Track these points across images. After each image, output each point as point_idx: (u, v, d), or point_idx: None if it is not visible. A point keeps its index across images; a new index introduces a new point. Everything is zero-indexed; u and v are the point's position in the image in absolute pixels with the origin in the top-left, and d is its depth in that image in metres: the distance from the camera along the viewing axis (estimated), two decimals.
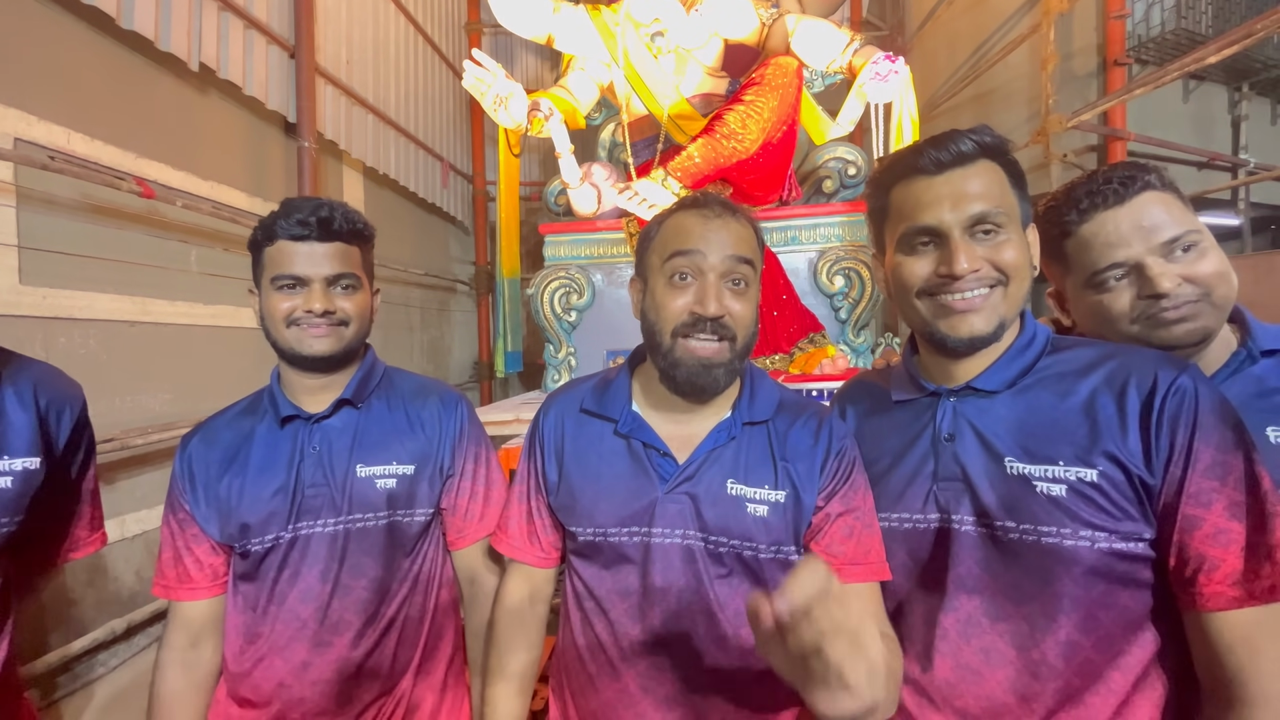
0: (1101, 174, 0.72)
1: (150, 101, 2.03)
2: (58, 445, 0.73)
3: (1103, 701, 0.59)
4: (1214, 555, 0.55)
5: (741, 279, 0.70)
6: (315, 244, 0.79)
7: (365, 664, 0.81)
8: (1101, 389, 0.61)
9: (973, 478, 0.64)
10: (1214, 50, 1.84)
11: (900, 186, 0.68)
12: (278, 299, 0.79)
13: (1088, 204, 0.71)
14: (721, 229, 0.70)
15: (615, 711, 0.71)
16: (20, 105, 1.61)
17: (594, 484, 0.74)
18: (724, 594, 0.70)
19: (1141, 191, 0.69)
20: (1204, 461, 0.56)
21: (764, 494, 0.70)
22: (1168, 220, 0.68)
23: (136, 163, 1.92)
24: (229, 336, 2.35)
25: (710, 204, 0.72)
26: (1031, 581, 0.61)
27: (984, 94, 3.48)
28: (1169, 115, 3.07)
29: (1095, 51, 2.89)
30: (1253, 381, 0.68)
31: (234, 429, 0.85)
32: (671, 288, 0.70)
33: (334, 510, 0.81)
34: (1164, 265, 0.68)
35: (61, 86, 1.73)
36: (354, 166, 3.33)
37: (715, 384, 0.70)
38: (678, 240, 0.70)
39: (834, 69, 2.34)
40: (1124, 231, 0.69)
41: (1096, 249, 0.71)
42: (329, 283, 0.80)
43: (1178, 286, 0.67)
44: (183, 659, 0.82)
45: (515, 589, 0.81)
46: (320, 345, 0.80)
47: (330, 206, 0.80)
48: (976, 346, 0.65)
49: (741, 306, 0.70)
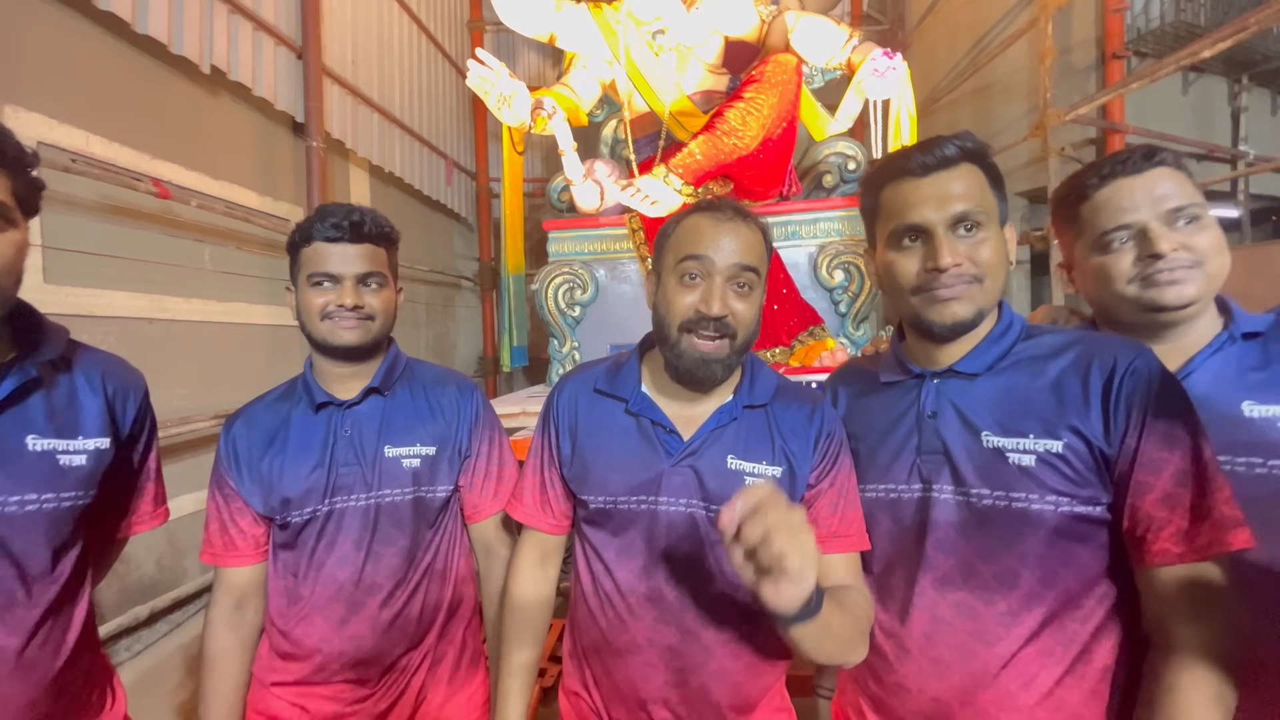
0: (1124, 150, 0.80)
1: (164, 104, 2.08)
2: (124, 427, 0.79)
3: (1064, 650, 0.66)
4: (1162, 517, 0.62)
5: (746, 283, 0.76)
6: (347, 245, 0.87)
7: (395, 622, 0.89)
8: (1069, 370, 0.68)
9: (952, 450, 0.71)
10: (1209, 44, 1.87)
11: (890, 187, 0.74)
12: (313, 294, 0.87)
13: (1109, 170, 0.78)
14: (731, 234, 0.75)
15: (624, 661, 0.78)
16: (42, 109, 1.66)
17: (605, 457, 0.81)
18: (723, 555, 0.75)
19: (1157, 165, 0.76)
20: (1155, 434, 0.63)
21: (761, 469, 0.77)
22: (1176, 192, 0.75)
23: (152, 164, 1.97)
24: (242, 332, 2.41)
25: (724, 208, 0.77)
26: (1000, 542, 0.67)
27: (984, 87, 3.50)
28: (1169, 107, 3.09)
29: (1094, 44, 2.91)
30: (1233, 360, 0.74)
31: (272, 413, 0.93)
32: (681, 286, 0.76)
33: (365, 487, 0.90)
34: (1166, 230, 0.74)
35: (80, 91, 1.78)
36: (360, 165, 3.37)
37: (713, 377, 0.77)
38: (690, 244, 0.76)
39: (833, 65, 2.37)
40: (1136, 197, 0.76)
41: (1110, 211, 0.77)
42: (359, 280, 0.88)
43: (1174, 250, 0.73)
44: (229, 619, 0.91)
45: (528, 553, 0.89)
46: (350, 336, 0.88)
47: (361, 212, 0.88)
48: (959, 332, 0.72)
49: (745, 307, 0.76)
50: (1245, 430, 0.70)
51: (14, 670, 0.64)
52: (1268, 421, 0.70)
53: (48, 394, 0.71)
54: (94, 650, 0.76)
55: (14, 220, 0.64)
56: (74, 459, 0.71)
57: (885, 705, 0.75)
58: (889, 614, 0.75)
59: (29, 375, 0.68)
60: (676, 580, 0.77)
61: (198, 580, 2.12)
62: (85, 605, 0.75)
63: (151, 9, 1.91)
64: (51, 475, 0.69)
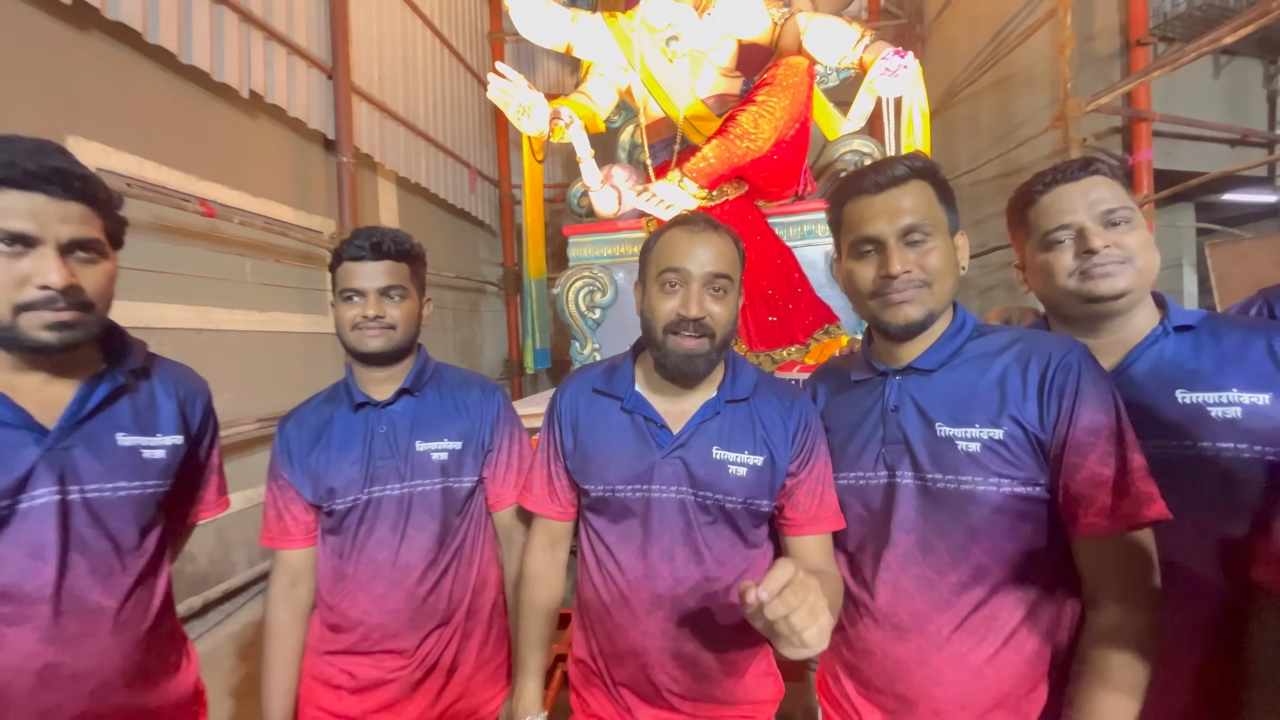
0: (1066, 161, 0.90)
1: (208, 128, 2.22)
2: (193, 426, 0.90)
3: (1009, 615, 0.73)
4: (1089, 494, 0.69)
5: (720, 287, 0.84)
6: (369, 263, 0.97)
7: (428, 598, 1.00)
8: (1011, 365, 0.75)
9: (911, 440, 0.78)
10: (1229, 30, 1.82)
11: (850, 204, 0.82)
12: (344, 308, 0.99)
13: (1051, 178, 0.88)
14: (705, 245, 0.83)
15: (625, 631, 0.88)
16: (100, 138, 1.79)
17: (604, 450, 0.90)
18: (710, 536, 0.85)
19: (1094, 174, 0.86)
20: (1083, 421, 0.70)
21: (743, 458, 0.85)
22: (1109, 197, 0.84)
23: (198, 185, 2.11)
24: (281, 341, 2.54)
25: (697, 222, 0.86)
26: (952, 521, 0.75)
27: (1005, 78, 3.44)
28: (1199, 92, 3.00)
29: (1118, 32, 2.84)
30: (1168, 352, 0.83)
31: (318, 414, 1.04)
32: (663, 294, 0.84)
33: (399, 478, 1.00)
34: (1100, 230, 0.83)
35: (133, 119, 1.92)
36: (388, 177, 3.50)
37: (696, 372, 0.85)
38: (669, 256, 0.84)
39: (846, 65, 2.38)
40: (1075, 201, 0.85)
41: (1052, 213, 0.87)
42: (381, 293, 0.98)
43: (1107, 247, 0.82)
44: (286, 596, 1.03)
45: (539, 538, 0.99)
46: (374, 343, 0.98)
47: (382, 233, 0.98)
48: (912, 332, 0.79)
49: (720, 309, 0.84)
50: (1178, 415, 0.77)
51: (113, 627, 0.75)
52: (1197, 407, 0.77)
53: (132, 398, 0.82)
54: (172, 617, 0.88)
55: (105, 253, 0.74)
56: (154, 453, 0.82)
57: (856, 669, 0.83)
58: (859, 588, 0.83)
59: (117, 382, 0.79)
60: (669, 558, 0.86)
61: (245, 574, 2.25)
62: (165, 578, 0.86)
63: (195, 40, 2.04)
64: (137, 466, 0.80)
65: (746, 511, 0.86)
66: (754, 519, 0.87)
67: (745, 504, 0.85)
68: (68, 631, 0.71)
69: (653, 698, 0.88)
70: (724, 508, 0.85)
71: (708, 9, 2.50)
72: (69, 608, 0.71)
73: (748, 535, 0.88)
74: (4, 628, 0.68)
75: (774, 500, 0.87)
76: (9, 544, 0.69)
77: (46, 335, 0.69)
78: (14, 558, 0.69)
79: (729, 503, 0.85)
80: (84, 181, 0.71)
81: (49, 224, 0.68)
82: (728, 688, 0.88)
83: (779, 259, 2.34)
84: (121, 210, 0.78)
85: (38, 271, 0.67)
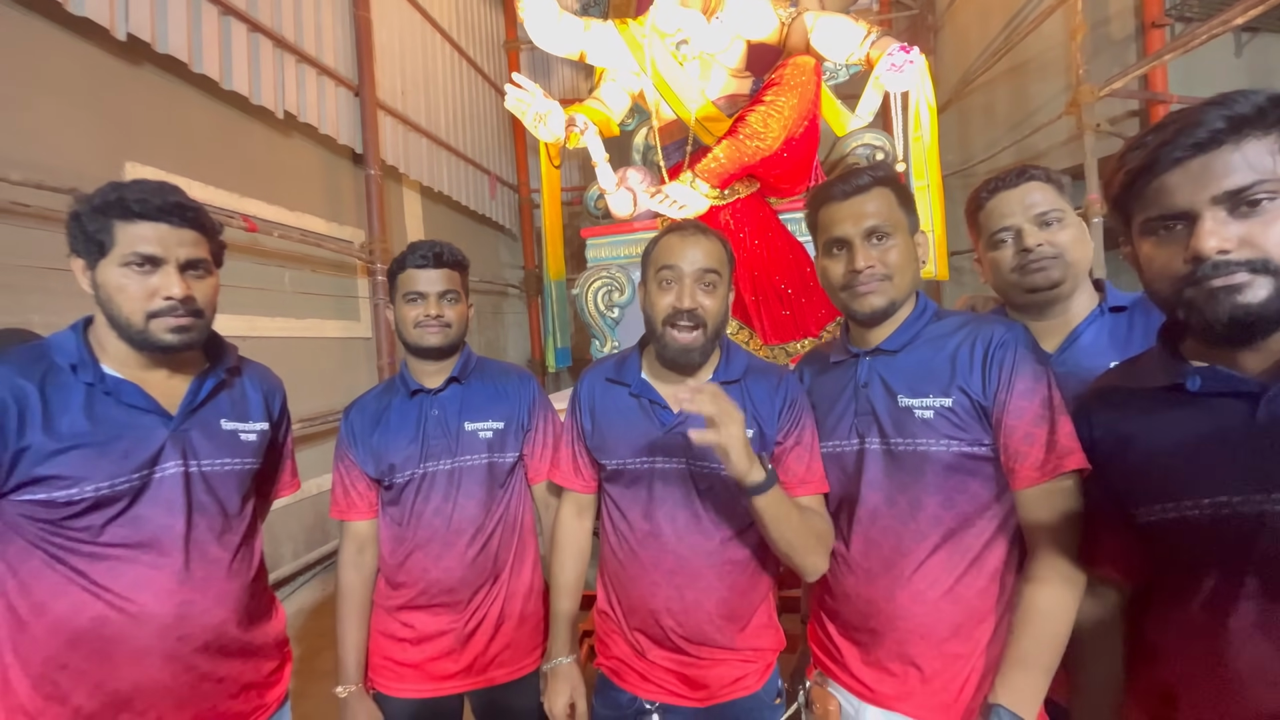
0: (1006, 169, 1.02)
1: (247, 148, 2.37)
2: (274, 415, 1.04)
3: (960, 557, 0.85)
4: (1024, 450, 0.80)
5: (710, 282, 0.95)
6: (431, 270, 1.12)
7: (477, 559, 1.14)
8: (962, 344, 0.86)
9: (878, 411, 0.89)
10: (1241, 11, 1.81)
11: (823, 209, 0.93)
12: (408, 308, 1.13)
13: (994, 186, 1.00)
14: (694, 246, 0.95)
15: (636, 582, 1.01)
16: (154, 163, 1.95)
17: (616, 429, 1.03)
18: (707, 501, 0.98)
19: (1029, 180, 0.98)
20: (1019, 388, 0.81)
21: None
22: (1042, 200, 0.96)
23: (240, 201, 2.26)
24: (318, 346, 2.69)
25: (688, 228, 0.98)
26: (911, 477, 0.86)
27: (1019, 65, 3.43)
28: (1221, 72, 2.94)
29: (1132, 14, 2.82)
30: (1105, 330, 0.95)
31: (378, 401, 1.18)
32: (660, 290, 0.96)
33: (449, 454, 1.14)
34: (1034, 229, 0.96)
35: (182, 144, 2.08)
36: (412, 187, 3.65)
37: (692, 361, 0.97)
38: (664, 257, 0.96)
39: (853, 61, 2.42)
40: (1013, 205, 0.98)
41: (995, 216, 0.99)
42: (439, 296, 1.12)
43: (1039, 245, 0.95)
44: (354, 561, 1.17)
45: (567, 507, 1.13)
46: (434, 339, 1.13)
47: (441, 245, 1.14)
48: (877, 319, 0.90)
49: (712, 302, 0.95)
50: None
51: (227, 574, 0.91)
52: None
53: (229, 391, 0.97)
54: (265, 574, 1.03)
55: (211, 270, 0.90)
56: (248, 435, 0.97)
57: (836, 612, 0.96)
58: (839, 541, 0.95)
59: (219, 378, 0.94)
60: (671, 520, 0.98)
61: (291, 564, 2.40)
62: (260, 540, 1.01)
63: (235, 67, 2.19)
64: (236, 446, 0.95)
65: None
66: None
67: None
68: (196, 576, 0.87)
69: (661, 640, 1.00)
70: (719, 475, 0.96)
71: (716, 12, 2.56)
72: (195, 557, 0.87)
73: (740, 498, 0.96)
74: (150, 571, 0.84)
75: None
76: (150, 504, 0.84)
77: (170, 337, 0.84)
78: (155, 515, 0.85)
79: (723, 471, 0.94)
80: (195, 213, 0.86)
81: (171, 247, 0.83)
82: (729, 633, 0.98)
83: (791, 254, 2.39)
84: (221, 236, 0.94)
85: (163, 286, 0.82)
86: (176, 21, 1.98)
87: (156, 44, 1.92)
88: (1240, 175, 0.55)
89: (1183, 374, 0.63)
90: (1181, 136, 0.57)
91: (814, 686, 0.99)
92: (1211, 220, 0.56)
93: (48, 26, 1.72)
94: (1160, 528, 0.65)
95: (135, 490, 0.83)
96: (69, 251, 0.83)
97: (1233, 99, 0.56)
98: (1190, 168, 0.57)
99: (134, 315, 0.81)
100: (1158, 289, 0.63)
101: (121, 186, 0.82)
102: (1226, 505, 0.59)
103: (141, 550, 0.83)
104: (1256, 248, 0.55)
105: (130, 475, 0.82)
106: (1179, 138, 0.57)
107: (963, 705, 0.84)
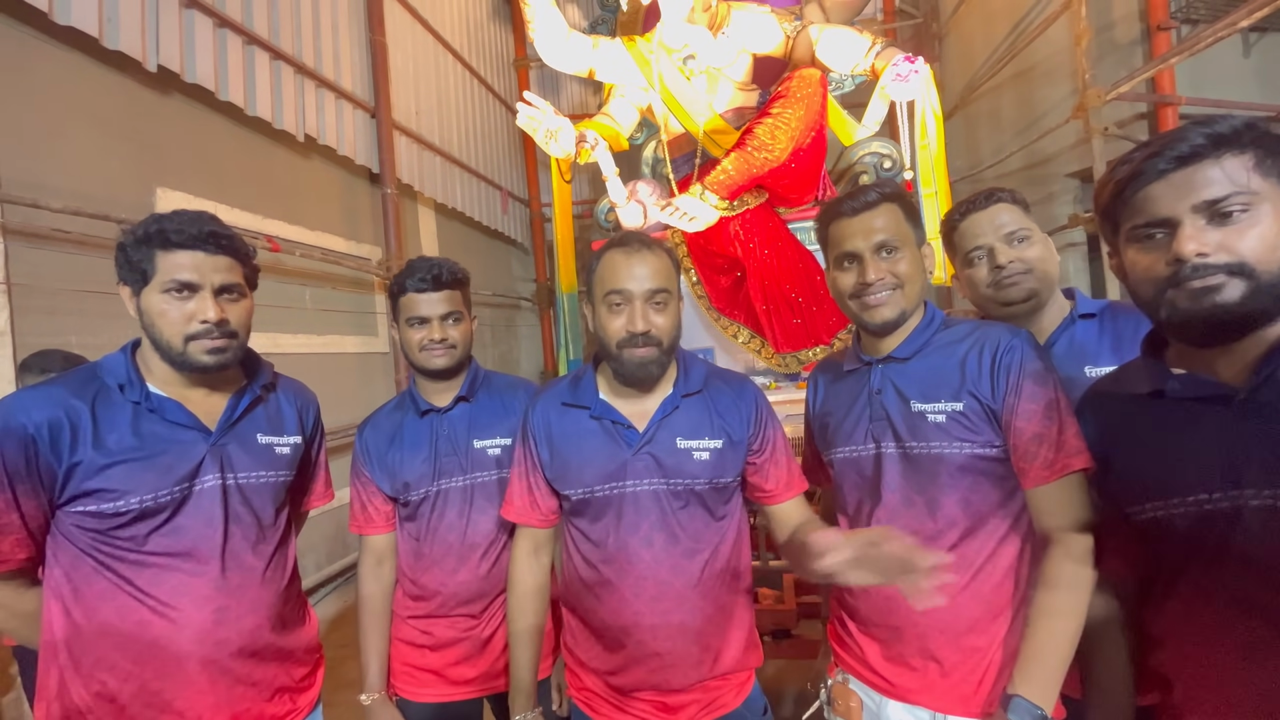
0: (975, 193, 1.07)
1: (270, 171, 2.45)
2: (307, 428, 1.08)
3: (976, 553, 0.87)
4: (1034, 451, 0.83)
5: (660, 300, 0.95)
6: (432, 293, 1.13)
7: (491, 572, 1.15)
8: (971, 350, 0.89)
9: (892, 417, 0.92)
10: (1246, 14, 1.82)
11: (833, 224, 0.96)
12: (412, 333, 1.14)
13: (965, 209, 1.07)
14: (641, 264, 0.94)
15: (618, 614, 0.97)
16: (183, 188, 2.02)
17: (578, 456, 1.00)
18: (683, 518, 0.97)
19: (997, 203, 1.04)
20: (1026, 392, 0.84)
21: (704, 444, 0.97)
22: (1010, 221, 1.03)
23: (264, 223, 2.34)
24: (337, 360, 2.75)
25: (631, 244, 0.96)
26: (926, 479, 0.89)
27: (1024, 71, 3.44)
28: (1229, 72, 2.94)
29: (1137, 18, 2.83)
30: (1077, 336, 1.02)
31: (391, 419, 1.20)
32: (610, 314, 0.95)
33: (461, 471, 1.16)
34: (1005, 248, 1.02)
35: (209, 168, 2.16)
36: (427, 204, 3.73)
37: (651, 376, 0.97)
38: (610, 280, 0.95)
39: (858, 72, 2.45)
40: (983, 226, 1.04)
41: (968, 237, 1.06)
42: (442, 319, 1.13)
43: (1010, 262, 1.01)
44: (373, 573, 1.19)
45: (522, 547, 1.06)
46: (440, 362, 1.14)
47: (440, 265, 1.13)
48: (888, 330, 0.93)
49: (664, 319, 0.95)
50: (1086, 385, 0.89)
51: (261, 582, 0.94)
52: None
53: (265, 406, 1.00)
54: (298, 582, 1.06)
55: (245, 293, 0.93)
56: (283, 449, 1.00)
57: (855, 610, 0.97)
58: None
59: (255, 394, 0.98)
60: (648, 544, 0.96)
61: (315, 576, 2.44)
62: (293, 550, 1.04)
63: (258, 93, 2.28)
64: (272, 459, 0.98)
65: (712, 489, 0.98)
66: (720, 495, 0.99)
67: (710, 483, 0.97)
68: (232, 583, 0.90)
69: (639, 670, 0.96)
70: (694, 490, 0.97)
71: (722, 27, 2.61)
72: (231, 565, 0.91)
73: (715, 510, 0.99)
74: (190, 579, 0.88)
75: (737, 474, 1.00)
76: (190, 516, 0.88)
77: (206, 359, 0.88)
78: (194, 526, 0.88)
79: (697, 485, 0.97)
80: (230, 240, 0.91)
81: (207, 274, 0.87)
82: (714, 652, 0.97)
83: (800, 263, 2.41)
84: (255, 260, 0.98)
85: (200, 310, 0.86)
86: (204, 52, 2.06)
87: (185, 74, 2.01)
88: (1218, 187, 0.61)
89: (1164, 380, 0.69)
90: (1167, 150, 0.63)
91: (835, 685, 1.00)
92: (1191, 226, 0.62)
93: (84, 60, 1.81)
94: (1152, 525, 0.69)
95: (177, 502, 0.87)
96: (118, 280, 0.88)
97: (1214, 121, 0.63)
98: (1173, 179, 0.63)
99: (173, 338, 0.86)
100: (1141, 292, 0.68)
101: (162, 218, 0.87)
102: (1208, 501, 0.63)
103: (182, 559, 0.87)
104: (1232, 252, 0.60)
105: (172, 488, 0.86)
106: (1164, 151, 0.63)
107: (982, 697, 0.86)
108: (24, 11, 1.62)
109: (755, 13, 2.64)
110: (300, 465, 1.05)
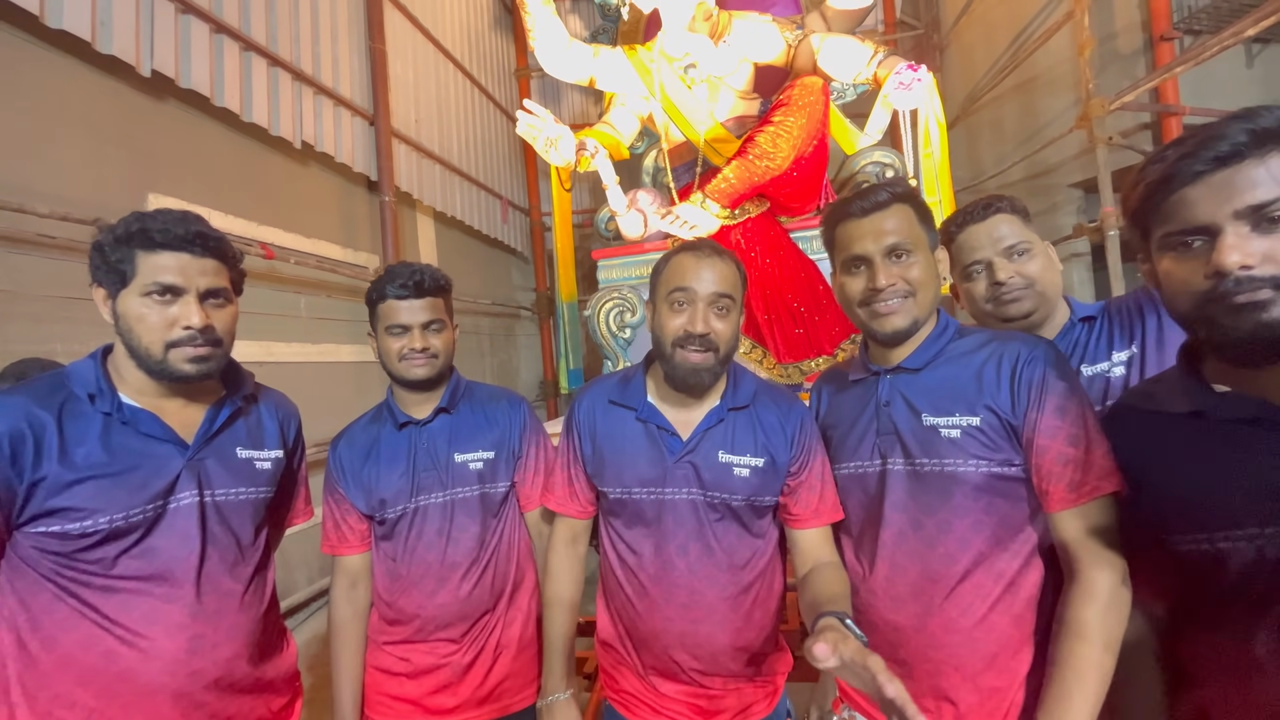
0: (973, 202, 1.04)
1: (266, 177, 2.42)
2: (289, 442, 1.03)
3: (994, 583, 0.79)
4: (1058, 471, 0.76)
5: (724, 306, 0.92)
6: (413, 300, 1.08)
7: (473, 593, 1.09)
8: (987, 361, 0.82)
9: (901, 430, 0.86)
10: (1252, 23, 1.80)
11: (841, 226, 0.90)
12: (391, 341, 1.08)
13: (961, 221, 1.03)
14: (709, 268, 0.92)
15: (648, 619, 0.96)
16: (175, 194, 1.99)
17: (620, 456, 0.98)
18: (719, 531, 0.94)
19: (996, 214, 1.00)
20: (1049, 407, 0.78)
21: (746, 460, 0.93)
22: (1010, 233, 1.00)
23: (258, 230, 2.30)
24: (333, 370, 2.71)
25: (703, 248, 0.95)
26: (938, 499, 0.82)
27: (1026, 81, 3.43)
28: (1232, 83, 2.92)
29: (1140, 28, 2.82)
30: (1075, 339, 1.00)
31: (366, 433, 1.14)
32: (672, 312, 0.93)
33: (441, 486, 1.10)
34: (1004, 263, 0.99)
35: (203, 174, 2.13)
36: (426, 213, 3.70)
37: (702, 383, 0.94)
38: (677, 278, 0.93)
39: (860, 81, 2.43)
40: (981, 239, 1.01)
41: (966, 250, 1.02)
42: (424, 327, 1.08)
43: (1010, 277, 0.98)
44: (347, 596, 1.13)
45: (560, 534, 1.08)
46: (421, 372, 1.08)
47: (421, 271, 1.08)
48: (899, 339, 0.87)
49: (724, 326, 0.92)
50: (1084, 385, 0.89)
51: (239, 607, 0.88)
52: (1098, 375, 0.96)
53: (245, 419, 0.96)
54: (277, 607, 1.01)
55: (231, 298, 0.89)
56: (263, 464, 0.96)
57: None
58: (862, 565, 0.90)
59: (235, 406, 0.93)
60: (683, 553, 0.94)
61: (305, 591, 2.38)
62: (272, 571, 1.00)
63: (255, 99, 2.25)
64: (251, 475, 0.93)
65: (750, 507, 0.95)
66: (757, 513, 0.96)
67: (749, 501, 0.94)
68: (208, 609, 0.85)
69: (674, 673, 0.97)
70: (730, 505, 0.94)
71: (723, 36, 2.60)
72: (207, 589, 0.85)
73: (752, 527, 0.96)
74: (162, 604, 0.82)
75: (776, 495, 0.96)
76: (164, 536, 0.83)
77: (188, 367, 0.83)
78: (168, 547, 0.83)
79: (735, 501, 0.94)
80: (217, 242, 0.86)
81: (192, 277, 0.82)
82: (742, 662, 0.96)
83: (802, 272, 2.38)
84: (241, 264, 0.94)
85: (183, 315, 0.81)
86: (199, 57, 2.04)
87: (180, 79, 1.98)
88: (1264, 190, 0.54)
89: (1206, 400, 0.62)
90: (1203, 150, 0.56)
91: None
92: (1234, 235, 0.55)
93: (76, 65, 1.78)
94: (1195, 557, 0.63)
95: (150, 521, 0.82)
96: (91, 281, 0.83)
97: (1256, 113, 0.55)
98: (1212, 181, 0.56)
99: (153, 345, 0.81)
100: (1177, 306, 0.61)
101: (144, 217, 0.82)
102: (1260, 537, 0.57)
103: (154, 583, 0.82)
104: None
105: (145, 506, 0.81)
106: (1200, 151, 0.56)
107: None
108: (15, 15, 1.60)
109: (756, 22, 2.63)
110: (281, 481, 1.00)
